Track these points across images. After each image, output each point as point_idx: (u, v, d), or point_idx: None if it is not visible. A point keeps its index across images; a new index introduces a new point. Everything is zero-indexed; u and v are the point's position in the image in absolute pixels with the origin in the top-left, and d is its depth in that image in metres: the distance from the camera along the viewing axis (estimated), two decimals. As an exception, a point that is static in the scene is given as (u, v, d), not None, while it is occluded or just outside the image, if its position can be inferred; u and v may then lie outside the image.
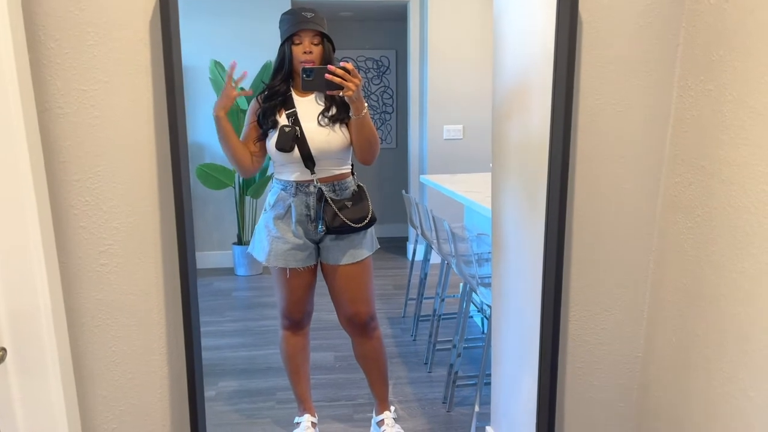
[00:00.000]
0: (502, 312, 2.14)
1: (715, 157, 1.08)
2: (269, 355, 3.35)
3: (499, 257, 2.16)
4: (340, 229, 2.11)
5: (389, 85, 5.92)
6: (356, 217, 2.13)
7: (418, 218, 3.52)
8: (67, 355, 1.14)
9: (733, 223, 1.02)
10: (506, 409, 2.15)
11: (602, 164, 1.27)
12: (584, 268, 1.31)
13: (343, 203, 2.12)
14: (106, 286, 1.17)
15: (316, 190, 2.10)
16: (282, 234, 2.14)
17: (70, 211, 1.13)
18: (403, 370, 3.15)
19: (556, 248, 1.19)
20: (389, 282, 4.71)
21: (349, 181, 2.18)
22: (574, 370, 1.38)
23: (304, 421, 2.41)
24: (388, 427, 2.38)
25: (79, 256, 1.15)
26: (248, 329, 3.77)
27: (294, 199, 2.12)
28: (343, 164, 2.16)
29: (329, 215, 2.09)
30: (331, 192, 2.13)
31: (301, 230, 2.15)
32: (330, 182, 2.13)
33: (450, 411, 2.71)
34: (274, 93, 2.12)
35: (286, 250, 2.15)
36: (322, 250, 2.20)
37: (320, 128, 2.07)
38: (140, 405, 1.24)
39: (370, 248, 2.26)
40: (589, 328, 1.35)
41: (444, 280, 3.29)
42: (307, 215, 2.13)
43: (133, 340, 1.20)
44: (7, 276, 1.04)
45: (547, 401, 1.27)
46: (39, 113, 1.07)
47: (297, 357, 2.37)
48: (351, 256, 2.19)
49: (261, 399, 2.85)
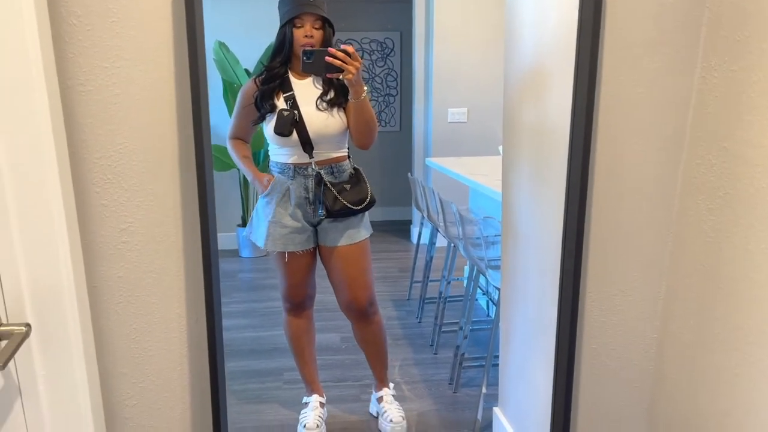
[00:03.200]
0: (511, 294, 2.15)
1: (739, 139, 1.08)
2: (275, 336, 3.37)
3: (509, 240, 2.17)
4: (341, 213, 2.12)
5: (393, 67, 5.89)
6: (356, 199, 2.14)
7: (424, 201, 3.52)
8: (89, 331, 1.15)
9: (756, 205, 1.03)
10: (514, 390, 2.16)
11: (622, 146, 1.27)
12: (602, 250, 1.32)
13: (342, 186, 2.13)
14: (127, 263, 1.17)
15: (315, 173, 2.11)
16: (279, 218, 2.15)
17: (92, 189, 1.13)
18: (409, 352, 3.17)
19: (576, 231, 1.19)
20: (394, 265, 4.73)
21: (345, 164, 2.19)
22: (590, 351, 1.39)
23: (312, 401, 2.43)
24: (387, 403, 2.44)
25: (101, 234, 1.15)
26: (254, 310, 3.79)
27: (292, 182, 2.13)
28: (340, 148, 2.17)
29: (330, 199, 2.10)
30: (330, 175, 2.13)
31: (299, 213, 2.16)
32: (328, 165, 2.14)
33: (456, 392, 2.74)
34: (273, 75, 2.10)
35: (284, 234, 2.16)
36: (320, 233, 2.21)
37: (319, 112, 2.07)
38: (160, 382, 1.25)
39: (368, 230, 2.27)
40: (605, 309, 1.36)
41: (450, 263, 3.30)
42: (305, 198, 2.13)
43: (153, 317, 1.21)
44: (31, 254, 1.04)
45: (564, 382, 1.28)
46: (61, 91, 1.06)
47: (301, 339, 2.40)
48: (349, 237, 2.20)
49: (269, 379, 2.87)
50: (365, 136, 2.10)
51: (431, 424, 2.48)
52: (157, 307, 1.20)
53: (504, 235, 2.22)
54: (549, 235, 1.73)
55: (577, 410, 1.43)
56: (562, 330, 1.25)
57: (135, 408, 1.26)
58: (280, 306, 3.78)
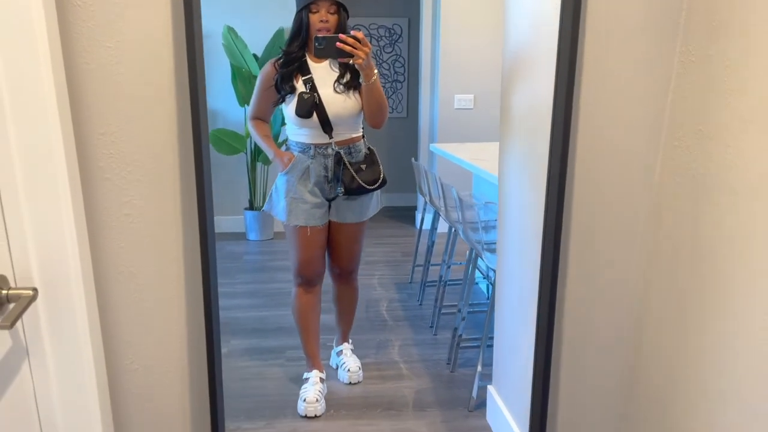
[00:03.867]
0: (505, 276, 2.20)
1: (713, 121, 1.12)
2: (279, 316, 3.45)
3: (503, 223, 2.22)
4: (356, 191, 2.30)
5: (401, 53, 5.92)
6: (370, 179, 2.32)
7: (427, 186, 3.57)
8: (93, 298, 1.21)
9: (729, 183, 1.07)
10: (507, 369, 2.22)
11: (604, 129, 1.32)
12: (583, 228, 1.37)
13: (359, 166, 2.29)
14: (129, 235, 1.23)
15: (334, 153, 2.26)
16: (301, 194, 2.28)
17: (95, 163, 1.19)
18: (409, 333, 3.24)
19: (556, 210, 1.24)
20: (397, 249, 4.79)
21: (361, 144, 2.35)
22: (572, 324, 1.44)
23: (312, 377, 2.51)
24: (346, 356, 2.73)
25: (104, 206, 1.21)
26: (259, 291, 3.87)
27: (312, 161, 2.27)
28: (356, 128, 2.32)
29: (347, 178, 2.27)
30: (348, 155, 2.29)
31: (317, 190, 2.30)
32: (346, 145, 2.29)
33: (453, 371, 2.80)
34: (291, 59, 2.23)
35: (305, 210, 2.29)
36: (333, 208, 2.36)
37: (336, 95, 2.21)
38: (160, 349, 1.32)
39: (375, 208, 2.47)
40: (586, 285, 1.41)
41: (450, 247, 3.36)
42: (324, 176, 2.28)
43: (154, 289, 1.27)
44: (38, 223, 1.11)
45: (543, 354, 1.34)
46: (66, 69, 1.12)
47: (308, 314, 2.49)
48: (358, 215, 2.40)
49: (271, 357, 2.95)
50: (376, 116, 2.23)
51: (427, 401, 2.55)
52: (158, 278, 1.26)
53: (499, 218, 2.27)
54: (536, 217, 1.78)
55: (558, 380, 1.49)
56: (543, 302, 1.31)
57: (136, 373, 1.33)
58: (285, 287, 3.87)
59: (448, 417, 2.42)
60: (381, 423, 2.37)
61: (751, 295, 1.03)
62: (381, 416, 2.41)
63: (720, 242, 1.11)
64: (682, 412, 1.23)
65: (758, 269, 1.01)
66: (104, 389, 1.28)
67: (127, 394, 1.35)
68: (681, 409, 1.23)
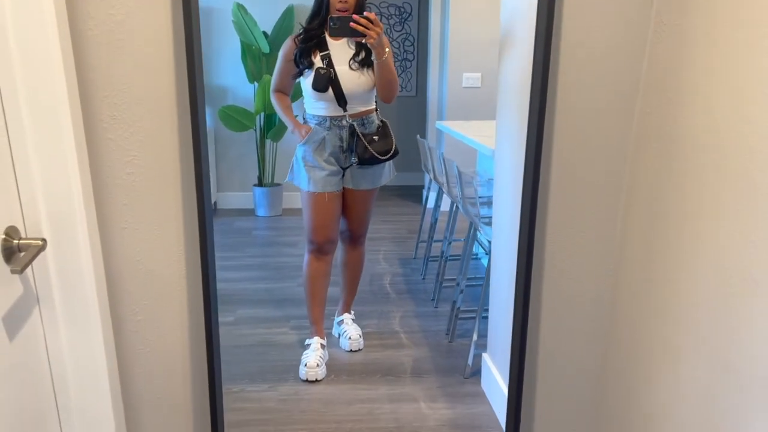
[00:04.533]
0: (499, 249, 2.27)
1: (681, 89, 1.17)
2: (285, 288, 3.54)
3: (498, 197, 2.28)
4: (370, 161, 2.45)
5: (411, 32, 5.93)
6: (383, 150, 2.46)
7: (431, 163, 3.63)
8: (98, 250, 1.30)
9: (697, 148, 1.12)
10: (500, 338, 2.30)
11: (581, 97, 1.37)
12: (562, 193, 1.42)
13: (371, 137, 2.44)
14: (131, 192, 1.31)
15: (348, 125, 2.41)
16: (318, 163, 2.45)
17: (99, 124, 1.27)
18: (411, 305, 3.32)
19: (533, 175, 1.30)
20: (403, 226, 4.86)
21: (374, 116, 2.50)
22: (551, 288, 1.51)
23: (314, 343, 2.61)
24: (347, 324, 2.84)
25: (108, 165, 1.29)
26: (266, 264, 3.96)
27: (328, 132, 2.42)
28: (369, 102, 2.47)
29: (360, 148, 2.42)
30: (361, 126, 2.43)
31: (333, 159, 2.46)
32: (360, 117, 2.44)
33: (452, 341, 2.88)
34: (310, 36, 2.37)
35: (322, 177, 2.45)
36: (348, 175, 2.52)
37: (351, 71, 2.35)
38: (161, 300, 1.41)
39: (388, 177, 2.62)
40: (564, 247, 1.47)
41: (452, 224, 3.43)
42: (340, 147, 2.44)
43: (155, 242, 1.35)
44: (46, 179, 1.19)
45: (521, 310, 1.41)
46: (71, 35, 1.20)
47: (318, 281, 2.61)
48: (371, 183, 2.56)
49: (276, 325, 3.05)
50: (387, 91, 2.39)
51: (425, 368, 2.63)
52: (159, 234, 1.34)
53: (495, 192, 2.33)
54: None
55: (537, 336, 1.55)
56: (521, 262, 1.37)
57: (140, 323, 1.42)
58: (292, 261, 3.96)
59: (444, 383, 2.50)
60: (379, 388, 2.45)
61: (708, 253, 1.09)
62: (379, 381, 2.50)
63: (687, 205, 1.16)
64: (652, 361, 1.29)
65: (718, 229, 1.07)
66: (109, 335, 1.37)
67: (130, 343, 1.44)
68: (650, 357, 1.30)
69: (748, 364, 1.00)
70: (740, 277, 1.01)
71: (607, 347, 1.54)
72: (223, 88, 5.04)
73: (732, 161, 1.03)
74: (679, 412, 1.21)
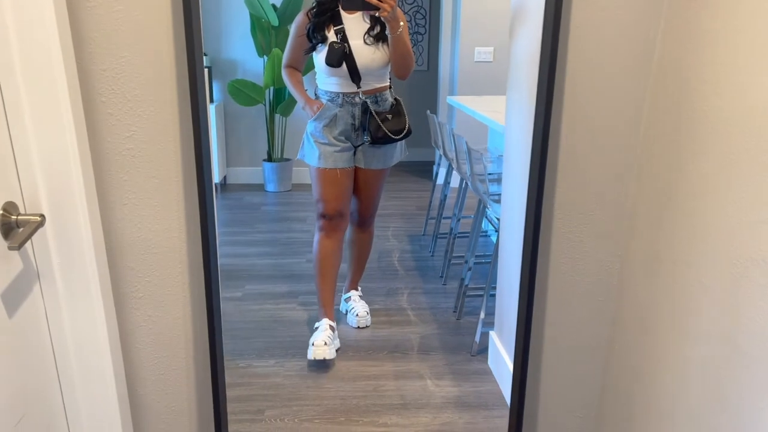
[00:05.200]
0: (508, 226, 2.24)
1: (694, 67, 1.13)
2: (293, 264, 3.54)
3: (508, 174, 2.24)
4: (382, 140, 2.38)
5: (422, 5, 5.83)
6: (396, 129, 2.39)
7: (441, 139, 3.59)
8: (98, 226, 1.28)
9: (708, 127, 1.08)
10: (507, 316, 2.28)
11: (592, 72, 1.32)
12: (571, 171, 1.39)
13: (385, 116, 2.37)
14: (131, 168, 1.29)
15: (361, 102, 2.35)
16: (329, 140, 2.39)
17: (98, 98, 1.24)
18: (419, 282, 3.30)
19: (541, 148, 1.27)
20: (413, 203, 4.83)
21: (387, 93, 2.42)
22: (558, 266, 1.48)
23: (323, 324, 2.56)
24: (355, 301, 2.83)
25: (107, 140, 1.27)
26: (275, 240, 3.96)
27: (340, 109, 2.35)
28: (383, 79, 2.39)
29: (373, 126, 2.36)
30: (374, 104, 2.36)
31: (344, 137, 2.40)
32: (373, 94, 2.37)
33: (459, 319, 2.87)
34: (324, 9, 2.30)
35: (333, 152, 2.40)
36: (358, 154, 2.46)
37: (366, 46, 2.28)
38: (162, 276, 1.40)
39: (399, 156, 2.55)
40: (573, 227, 1.44)
41: (462, 200, 3.40)
42: (352, 124, 2.37)
43: (155, 218, 1.34)
44: (45, 154, 1.17)
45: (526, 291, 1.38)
46: (69, 7, 1.17)
47: (328, 259, 2.55)
48: (382, 162, 2.49)
49: (283, 301, 3.05)
50: (401, 67, 2.31)
51: (433, 345, 2.62)
52: (160, 209, 1.33)
53: (504, 169, 2.29)
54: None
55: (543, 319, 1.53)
56: (527, 242, 1.34)
57: (142, 300, 1.41)
58: (301, 237, 3.96)
59: (451, 360, 2.50)
60: (386, 364, 2.45)
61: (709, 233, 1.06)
62: (386, 358, 2.50)
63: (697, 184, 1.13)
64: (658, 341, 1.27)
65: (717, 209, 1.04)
66: (111, 311, 1.36)
67: (132, 318, 1.43)
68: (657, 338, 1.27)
69: (757, 344, 0.98)
70: (749, 257, 0.98)
71: (614, 327, 1.52)
72: (233, 61, 4.99)
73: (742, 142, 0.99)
74: (687, 392, 1.19)
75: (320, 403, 2.19)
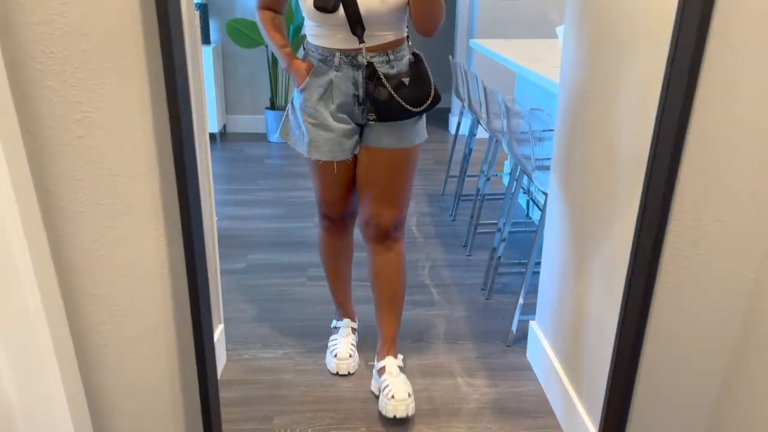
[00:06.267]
0: (561, 199, 1.88)
1: None
2: (302, 228, 3.21)
3: (565, 134, 1.87)
4: (397, 115, 1.67)
5: (439, -67, 5.27)
6: (417, 97, 1.67)
7: (466, 88, 3.18)
8: (43, 244, 0.94)
9: None
10: (551, 304, 1.96)
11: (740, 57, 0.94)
12: (700, 162, 1.02)
13: (400, 80, 1.65)
14: (86, 163, 0.93)
15: (366, 62, 1.63)
16: (322, 119, 1.70)
17: (32, 64, 0.87)
18: (441, 252, 2.97)
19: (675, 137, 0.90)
20: (429, 156, 4.45)
21: (403, 48, 1.71)
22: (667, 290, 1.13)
23: (343, 326, 2.18)
24: (391, 376, 1.88)
25: (49, 124, 0.90)
26: (280, 200, 3.61)
27: (337, 73, 1.66)
28: (399, 28, 1.68)
29: (384, 97, 1.63)
30: (385, 64, 1.66)
31: (344, 113, 1.72)
32: (383, 51, 1.65)
33: (489, 298, 2.55)
34: None
35: (330, 139, 1.72)
36: (364, 130, 1.76)
37: None
38: (137, 305, 1.05)
39: (423, 134, 1.81)
40: (694, 239, 1.08)
41: (492, 157, 3.01)
42: (354, 95, 1.68)
43: (124, 229, 0.99)
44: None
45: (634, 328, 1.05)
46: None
47: (338, 260, 2.07)
48: (398, 139, 1.73)
49: (291, 275, 2.73)
50: (425, 20, 1.61)
51: (460, 332, 2.31)
52: (128, 217, 0.97)
53: (559, 129, 1.92)
54: (627, 133, 1.44)
55: (641, 363, 1.19)
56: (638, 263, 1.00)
57: (109, 334, 1.07)
58: (309, 196, 3.60)
59: (484, 352, 2.19)
60: (411, 357, 2.15)
61: None
62: (410, 349, 2.19)
63: None
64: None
65: None
66: (67, 353, 1.03)
67: (98, 360, 1.10)
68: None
69: None
70: None
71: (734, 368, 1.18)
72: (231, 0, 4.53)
73: None
74: None
75: (337, 408, 1.90)
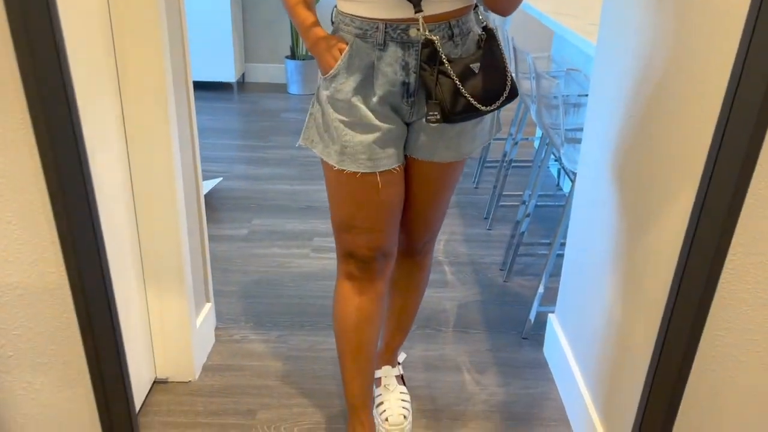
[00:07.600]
0: (592, 177, 1.62)
1: None
2: (312, 192, 3.00)
3: (598, 101, 1.59)
4: (464, 115, 1.18)
5: None
6: (489, 88, 1.19)
7: (496, 43, 2.87)
8: None
9: None
10: (574, 297, 1.73)
11: None
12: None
13: (467, 65, 1.17)
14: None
15: (423, 39, 1.15)
16: (360, 116, 1.22)
17: None
18: (459, 225, 2.74)
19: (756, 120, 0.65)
20: (456, 114, 4.16)
21: (470, 19, 1.23)
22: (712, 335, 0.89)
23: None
24: (386, 390, 1.65)
25: None
26: (293, 159, 3.40)
27: (382, 53, 1.20)
28: None
29: (447, 90, 1.15)
30: (448, 40, 1.20)
31: (389, 108, 1.24)
32: (445, 22, 1.18)
33: (507, 281, 2.33)
34: None
35: (369, 143, 1.23)
36: (412, 135, 1.30)
37: None
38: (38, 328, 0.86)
39: (488, 136, 1.38)
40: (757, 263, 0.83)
41: (521, 118, 2.73)
42: (402, 84, 1.21)
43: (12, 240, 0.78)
44: None
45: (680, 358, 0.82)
46: None
47: (363, 330, 1.43)
48: (456, 148, 1.31)
49: (296, 244, 2.54)
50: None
51: (472, 319, 2.11)
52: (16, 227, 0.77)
53: (593, 94, 1.64)
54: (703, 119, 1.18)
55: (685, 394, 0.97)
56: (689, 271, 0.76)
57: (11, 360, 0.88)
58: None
59: (497, 344, 1.98)
60: (415, 345, 1.95)
61: None
62: (415, 336, 1.99)
63: None
64: None
65: None
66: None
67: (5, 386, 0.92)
68: None
69: None
70: None
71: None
72: (248, -64, 4.23)
73: None
74: None
75: (328, 404, 1.73)
